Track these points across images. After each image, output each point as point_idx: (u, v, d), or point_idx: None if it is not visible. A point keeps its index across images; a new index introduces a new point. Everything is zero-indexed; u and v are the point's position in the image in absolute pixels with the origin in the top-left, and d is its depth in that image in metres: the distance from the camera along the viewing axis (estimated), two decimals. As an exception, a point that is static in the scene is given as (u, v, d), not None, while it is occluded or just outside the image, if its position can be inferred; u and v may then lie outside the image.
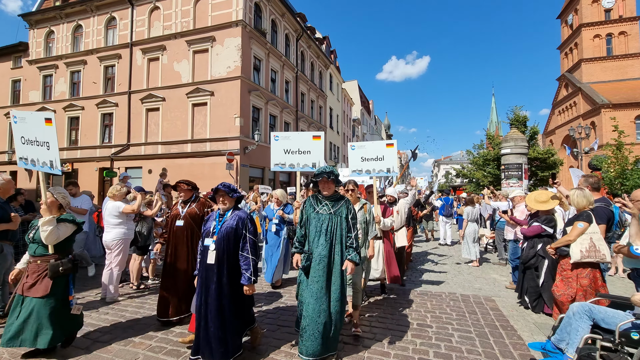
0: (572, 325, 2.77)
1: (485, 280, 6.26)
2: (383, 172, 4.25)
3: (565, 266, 3.77)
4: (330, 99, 30.56)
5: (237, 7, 16.36)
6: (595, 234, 3.54)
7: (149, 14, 18.22)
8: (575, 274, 3.64)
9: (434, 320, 4.16)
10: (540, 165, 20.27)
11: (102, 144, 18.77)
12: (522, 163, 12.76)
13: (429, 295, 5.26)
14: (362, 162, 4.38)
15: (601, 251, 3.49)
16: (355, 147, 4.47)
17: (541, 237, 4.51)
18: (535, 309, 4.52)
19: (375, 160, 4.30)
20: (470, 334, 3.74)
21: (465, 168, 25.23)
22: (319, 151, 4.21)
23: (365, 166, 4.36)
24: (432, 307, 4.65)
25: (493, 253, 9.30)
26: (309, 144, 4.24)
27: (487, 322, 4.11)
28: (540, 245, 4.46)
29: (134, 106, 18.09)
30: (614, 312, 2.71)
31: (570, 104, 32.25)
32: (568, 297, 3.59)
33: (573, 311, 2.83)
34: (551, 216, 4.55)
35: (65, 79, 20.05)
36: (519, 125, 19.75)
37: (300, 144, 4.27)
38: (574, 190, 3.94)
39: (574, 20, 32.65)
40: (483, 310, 4.54)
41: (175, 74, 17.34)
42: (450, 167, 52.56)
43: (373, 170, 4.31)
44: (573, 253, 3.57)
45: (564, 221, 4.64)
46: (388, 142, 4.30)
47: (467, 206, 8.13)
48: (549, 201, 4.52)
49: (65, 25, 20.26)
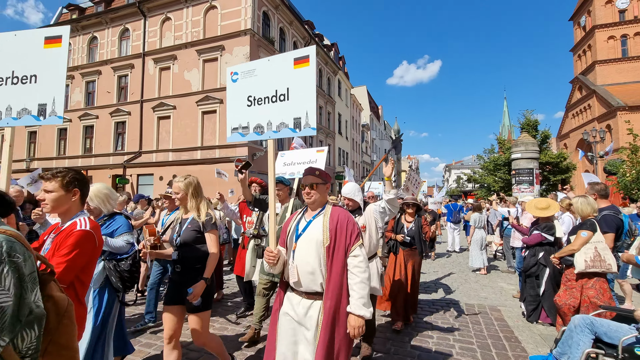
0: (574, 339, 2.69)
1: (492, 289, 6.14)
2: None
3: (570, 276, 3.67)
4: (339, 105, 30.66)
5: (246, 16, 16.68)
6: (600, 243, 3.45)
7: (160, 25, 18.74)
8: (580, 284, 3.55)
9: (435, 329, 4.10)
10: (552, 169, 19.82)
11: (115, 152, 19.25)
12: (534, 168, 12.50)
13: (432, 303, 5.18)
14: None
15: (607, 261, 3.39)
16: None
17: (542, 245, 4.41)
18: (531, 318, 4.41)
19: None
20: (472, 345, 3.67)
21: (476, 173, 24.87)
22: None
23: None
24: (435, 317, 4.58)
25: (502, 261, 9.10)
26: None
27: (491, 333, 4.02)
28: (541, 254, 4.36)
29: (145, 114, 18.54)
30: (617, 326, 2.63)
31: (585, 106, 31.52)
32: (570, 308, 3.50)
33: (575, 324, 2.75)
34: (551, 223, 4.44)
35: (81, 89, 20.73)
36: (530, 129, 19.41)
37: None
38: (577, 197, 3.86)
39: (587, 21, 32.05)
40: (487, 321, 4.45)
41: (186, 82, 17.73)
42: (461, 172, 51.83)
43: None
44: (577, 263, 3.48)
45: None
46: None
47: (473, 212, 8.01)
48: (548, 208, 4.42)
49: (81, 37, 21.00)
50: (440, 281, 6.72)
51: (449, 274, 7.37)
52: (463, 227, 12.48)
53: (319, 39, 26.92)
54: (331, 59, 27.63)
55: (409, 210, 4.54)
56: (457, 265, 8.48)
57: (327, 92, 27.39)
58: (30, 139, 22.26)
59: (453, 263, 8.75)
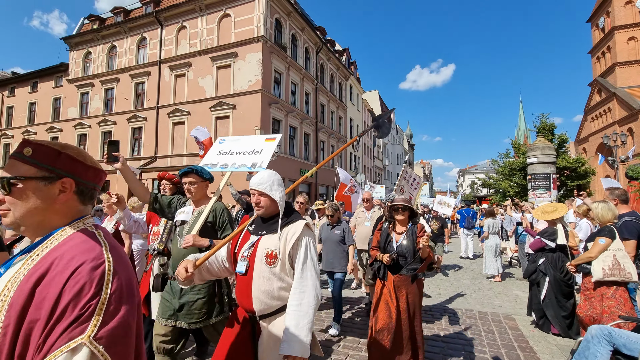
0: (590, 350, 2.60)
1: (507, 297, 5.98)
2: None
3: (588, 285, 3.56)
4: (351, 110, 30.68)
5: (259, 23, 16.96)
6: (619, 250, 3.33)
7: (176, 33, 19.24)
8: (599, 293, 3.43)
9: (446, 338, 4.03)
10: (570, 174, 19.25)
11: (132, 157, 19.75)
12: (550, 173, 12.17)
13: (443, 311, 5.09)
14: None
15: (626, 269, 3.27)
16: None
17: (543, 252, 4.27)
18: (543, 328, 4.28)
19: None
20: (485, 355, 3.58)
21: (491, 178, 24.39)
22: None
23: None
24: (446, 324, 4.50)
25: (518, 268, 8.87)
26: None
27: (505, 343, 3.92)
28: (541, 261, 4.23)
29: (161, 120, 19.00)
30: (637, 337, 2.52)
31: (605, 109, 30.57)
32: (591, 319, 3.38)
33: (591, 334, 2.66)
34: (553, 229, 4.30)
35: (100, 96, 21.42)
36: (546, 133, 18.95)
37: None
38: (597, 202, 3.74)
39: (606, 23, 31.20)
40: (501, 329, 4.34)
41: (200, 89, 18.10)
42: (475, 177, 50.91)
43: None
44: (594, 271, 3.37)
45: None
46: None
47: (487, 218, 7.85)
48: (555, 211, 4.29)
49: (101, 46, 21.75)
50: (452, 288, 6.59)
51: (461, 281, 7.23)
52: (477, 233, 12.23)
53: (331, 45, 27.07)
54: (342, 65, 27.74)
55: (399, 217, 3.22)
56: (470, 272, 8.31)
57: (339, 97, 27.47)
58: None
59: (466, 270, 8.58)
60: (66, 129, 22.47)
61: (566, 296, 4.19)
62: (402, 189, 3.77)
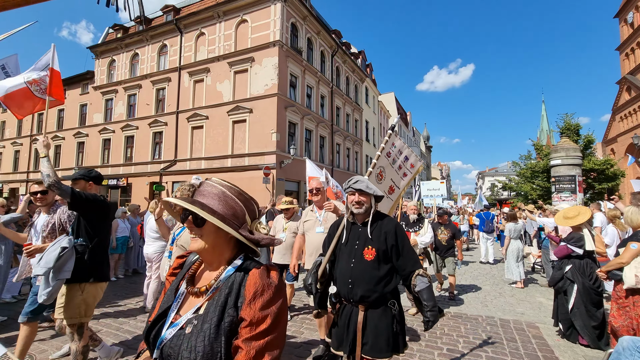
0: (622, 362, 2.46)
1: (530, 304, 5.76)
2: None
3: (620, 293, 3.38)
4: (366, 112, 30.53)
5: (275, 28, 17.18)
6: (653, 257, 3.15)
7: (195, 40, 19.74)
8: (631, 301, 3.25)
9: (466, 346, 3.91)
10: (597, 177, 18.41)
11: (153, 160, 20.34)
12: (576, 175, 11.68)
13: (463, 317, 4.95)
14: None
15: (661, 277, 3.09)
16: None
17: (570, 258, 4.07)
18: (570, 338, 4.07)
19: None
20: (507, 364, 3.45)
21: (512, 180, 23.64)
22: None
23: None
24: (466, 332, 4.37)
25: (541, 274, 8.54)
26: None
27: (528, 352, 3.77)
28: (568, 267, 4.04)
29: (181, 125, 19.50)
30: (674, 350, 2.37)
31: (634, 108, 29.11)
32: (629, 330, 3.20)
33: (623, 346, 2.51)
34: (579, 234, 4.08)
35: (123, 102, 22.21)
36: (571, 133, 18.22)
37: None
38: (629, 207, 3.56)
39: (635, 18, 29.79)
40: (524, 338, 4.18)
41: (218, 93, 18.48)
42: (495, 180, 49.49)
43: None
44: (626, 278, 3.20)
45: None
46: None
47: (509, 222, 7.60)
48: (577, 216, 4.08)
49: (124, 54, 22.59)
50: (472, 294, 6.41)
51: (482, 287, 7.01)
52: (497, 237, 11.88)
53: (346, 47, 27.06)
54: (358, 67, 27.67)
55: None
56: (490, 277, 8.06)
57: (355, 100, 27.41)
58: (79, 149, 24.10)
59: (486, 275, 8.33)
60: (92, 134, 23.41)
61: (596, 305, 3.98)
62: (380, 172, 2.38)
